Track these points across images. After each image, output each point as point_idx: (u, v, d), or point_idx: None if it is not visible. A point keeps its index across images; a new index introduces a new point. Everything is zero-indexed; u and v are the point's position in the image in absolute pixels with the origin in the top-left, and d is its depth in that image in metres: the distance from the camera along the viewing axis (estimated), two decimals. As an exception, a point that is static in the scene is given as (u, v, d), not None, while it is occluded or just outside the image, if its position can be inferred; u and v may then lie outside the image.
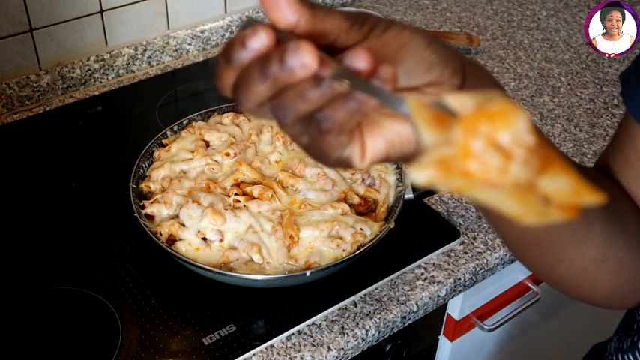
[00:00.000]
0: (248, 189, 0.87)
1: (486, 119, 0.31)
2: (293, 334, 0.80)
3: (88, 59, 1.20)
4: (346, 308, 0.83)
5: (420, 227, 0.94)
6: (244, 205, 0.84)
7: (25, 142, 1.09)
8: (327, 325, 0.81)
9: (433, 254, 0.91)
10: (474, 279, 0.91)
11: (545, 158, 0.32)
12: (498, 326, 1.05)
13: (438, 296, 0.87)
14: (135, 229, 0.83)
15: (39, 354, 0.78)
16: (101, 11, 1.19)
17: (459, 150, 0.31)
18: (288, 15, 0.35)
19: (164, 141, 0.95)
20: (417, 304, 0.85)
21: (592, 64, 1.35)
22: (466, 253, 0.92)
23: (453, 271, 0.89)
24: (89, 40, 1.20)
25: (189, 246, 0.81)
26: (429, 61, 0.38)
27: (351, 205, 0.87)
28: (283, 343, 0.79)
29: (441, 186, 0.32)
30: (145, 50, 1.26)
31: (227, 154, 0.91)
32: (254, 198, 0.85)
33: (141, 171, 0.90)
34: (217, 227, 0.82)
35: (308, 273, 0.77)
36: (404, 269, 0.88)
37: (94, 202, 0.97)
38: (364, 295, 0.85)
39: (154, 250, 0.82)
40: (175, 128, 0.97)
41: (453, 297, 0.91)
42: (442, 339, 1.06)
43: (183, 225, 0.83)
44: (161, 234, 0.82)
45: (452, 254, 0.91)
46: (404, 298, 0.85)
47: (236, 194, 0.85)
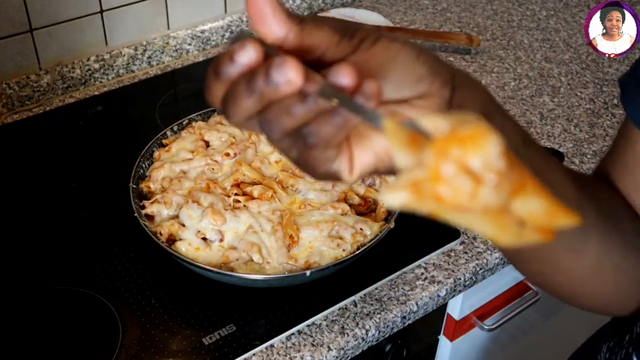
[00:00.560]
0: (248, 189, 0.87)
1: (458, 143, 0.31)
2: (293, 334, 0.80)
3: (88, 59, 1.20)
4: (346, 308, 0.83)
5: (420, 227, 0.93)
6: (244, 205, 0.84)
7: (25, 142, 1.09)
8: (327, 325, 0.81)
9: (433, 254, 0.91)
10: (474, 279, 0.91)
11: (518, 180, 0.32)
12: (498, 326, 1.05)
13: (438, 296, 0.87)
14: (135, 229, 0.83)
15: (39, 354, 0.78)
16: (101, 11, 1.19)
17: (430, 173, 0.31)
18: (275, 29, 0.35)
19: (164, 141, 0.95)
20: (417, 304, 0.85)
21: (592, 64, 1.35)
22: (466, 253, 0.92)
23: (453, 271, 0.89)
24: (89, 40, 1.20)
25: (189, 246, 0.81)
26: (419, 74, 0.38)
27: (351, 205, 0.87)
28: (283, 343, 0.79)
29: (415, 209, 0.31)
30: (145, 50, 1.26)
31: (227, 154, 0.91)
32: (254, 198, 0.85)
33: (141, 171, 0.90)
34: (217, 227, 0.82)
35: (308, 273, 0.77)
36: (404, 269, 0.88)
37: (94, 202, 0.97)
38: (364, 295, 0.85)
39: (154, 250, 0.82)
40: (175, 128, 0.97)
41: (453, 297, 0.91)
42: (442, 339, 1.06)
43: (183, 225, 0.83)
44: (161, 234, 0.82)
45: (452, 254, 0.91)
46: (404, 298, 0.85)
47: (236, 194, 0.85)
